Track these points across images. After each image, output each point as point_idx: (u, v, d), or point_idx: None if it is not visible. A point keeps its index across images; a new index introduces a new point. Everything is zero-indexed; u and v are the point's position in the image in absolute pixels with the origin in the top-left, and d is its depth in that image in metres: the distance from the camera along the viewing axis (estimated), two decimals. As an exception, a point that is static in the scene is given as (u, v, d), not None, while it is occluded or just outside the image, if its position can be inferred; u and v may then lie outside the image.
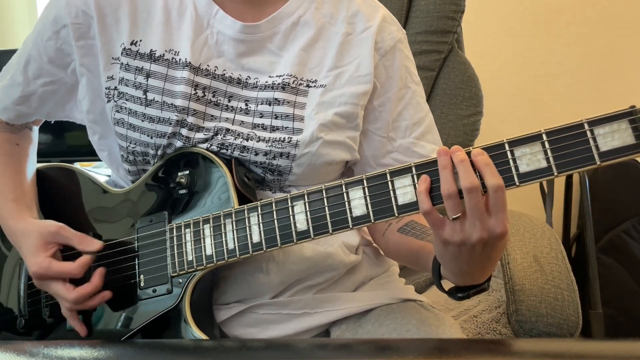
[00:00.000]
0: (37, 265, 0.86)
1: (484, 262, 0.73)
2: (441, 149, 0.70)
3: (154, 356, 0.70)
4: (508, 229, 0.69)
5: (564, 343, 0.88)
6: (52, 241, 0.88)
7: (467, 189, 0.68)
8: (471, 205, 0.68)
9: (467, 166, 0.68)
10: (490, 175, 0.68)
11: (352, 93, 0.90)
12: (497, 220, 0.68)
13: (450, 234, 0.70)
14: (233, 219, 0.82)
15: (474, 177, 0.68)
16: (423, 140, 0.95)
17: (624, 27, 2.03)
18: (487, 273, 0.77)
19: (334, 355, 0.67)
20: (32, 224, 0.91)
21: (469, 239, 0.69)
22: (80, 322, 0.89)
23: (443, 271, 0.78)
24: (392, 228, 0.93)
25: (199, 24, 0.90)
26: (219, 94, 0.89)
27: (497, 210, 0.68)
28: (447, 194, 0.69)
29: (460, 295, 0.78)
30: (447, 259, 0.74)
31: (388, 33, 0.94)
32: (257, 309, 0.90)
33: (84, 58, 0.91)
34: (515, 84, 2.09)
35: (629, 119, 0.66)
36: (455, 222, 0.69)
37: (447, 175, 0.69)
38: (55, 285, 0.86)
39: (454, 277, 0.77)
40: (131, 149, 0.91)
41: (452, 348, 0.71)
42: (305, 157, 0.88)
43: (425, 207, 0.70)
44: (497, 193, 0.67)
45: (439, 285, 0.80)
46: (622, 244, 1.80)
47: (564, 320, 1.07)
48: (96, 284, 0.86)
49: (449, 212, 0.70)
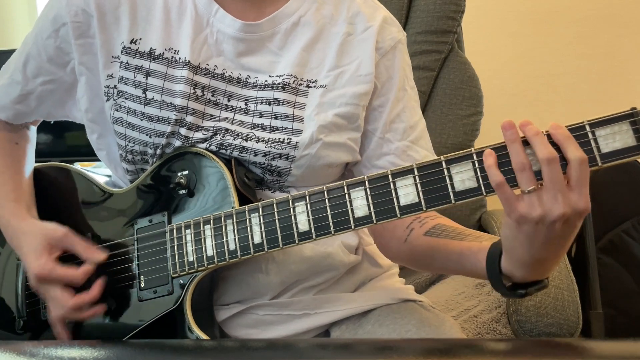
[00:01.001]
0: (40, 267, 0.86)
1: (557, 246, 0.70)
2: (506, 122, 0.68)
3: (154, 356, 0.70)
4: (590, 205, 0.67)
5: (565, 342, 0.88)
6: (57, 245, 0.88)
7: (547, 159, 0.65)
8: (551, 177, 0.66)
9: (543, 138, 0.66)
10: (575, 148, 0.66)
11: (353, 93, 0.89)
12: (580, 195, 0.66)
13: (528, 209, 0.67)
14: (234, 220, 0.82)
15: (552, 148, 0.66)
16: (417, 145, 0.94)
17: (624, 27, 2.03)
18: (556, 262, 0.74)
19: (334, 355, 0.67)
20: (35, 224, 0.91)
21: (549, 213, 0.66)
22: (67, 332, 0.88)
23: (506, 263, 0.73)
24: (417, 233, 0.89)
25: (198, 22, 0.90)
26: (218, 93, 0.89)
27: (580, 184, 0.66)
28: (521, 166, 0.67)
29: (522, 291, 0.74)
30: (520, 243, 0.70)
31: (389, 33, 0.94)
32: (257, 309, 0.89)
33: (83, 57, 0.91)
34: (515, 84, 2.08)
35: (630, 121, 0.66)
36: (532, 196, 0.67)
37: (518, 147, 0.67)
38: (55, 290, 0.86)
39: (520, 268, 0.72)
40: (130, 148, 0.91)
41: (452, 348, 0.71)
42: (304, 158, 0.88)
43: (497, 179, 0.67)
44: (582, 166, 0.66)
45: (499, 282, 0.75)
46: (622, 244, 1.80)
47: (564, 320, 1.07)
48: (96, 294, 0.85)
49: (523, 185, 0.67)
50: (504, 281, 0.75)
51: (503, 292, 0.76)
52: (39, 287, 0.88)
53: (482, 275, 0.77)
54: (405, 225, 0.90)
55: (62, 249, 0.88)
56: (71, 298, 0.85)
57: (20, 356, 0.64)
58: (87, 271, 0.86)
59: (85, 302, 0.85)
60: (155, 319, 0.85)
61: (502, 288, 0.76)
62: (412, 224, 0.90)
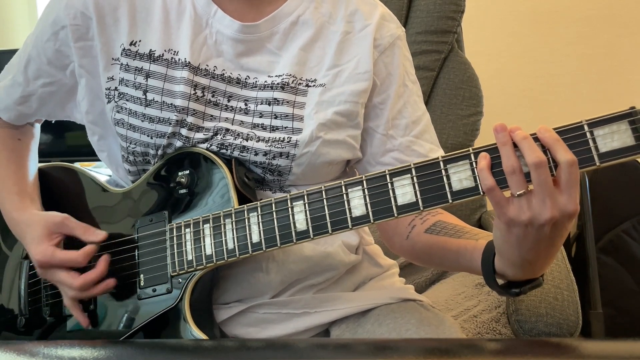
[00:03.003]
0: (41, 253, 0.87)
1: (548, 247, 0.70)
2: (498, 125, 0.68)
3: (154, 356, 0.70)
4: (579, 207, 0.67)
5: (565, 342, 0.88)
6: (57, 231, 0.88)
7: (535, 164, 0.66)
8: (540, 181, 0.66)
9: (531, 142, 0.67)
10: (564, 150, 0.66)
11: (351, 91, 0.90)
12: (569, 198, 0.66)
13: (517, 213, 0.67)
14: (233, 219, 0.82)
15: (540, 152, 0.66)
16: (421, 139, 0.95)
17: (624, 27, 2.03)
18: (548, 263, 0.74)
19: (334, 355, 0.67)
20: (36, 215, 0.92)
21: (537, 217, 0.66)
22: (82, 313, 0.89)
23: (499, 263, 0.74)
24: (418, 230, 0.90)
25: (197, 23, 0.90)
26: (219, 94, 0.89)
27: (569, 186, 0.66)
28: (511, 169, 0.67)
29: (516, 290, 0.75)
30: (510, 245, 0.70)
31: (387, 30, 0.94)
32: (257, 308, 0.90)
33: (83, 59, 0.91)
34: (515, 84, 2.08)
35: (629, 120, 0.66)
36: (522, 199, 0.67)
37: (509, 151, 0.67)
38: (60, 274, 0.87)
39: (512, 269, 0.73)
40: (131, 149, 0.91)
41: (451, 348, 0.71)
42: (304, 156, 0.88)
43: (488, 184, 0.68)
44: (572, 168, 0.66)
45: (493, 281, 0.76)
46: (622, 244, 1.80)
47: (563, 320, 1.07)
48: (101, 270, 0.86)
49: (513, 189, 0.67)
50: (498, 280, 0.76)
51: (498, 291, 0.77)
52: (45, 274, 0.89)
53: (479, 273, 0.78)
54: (407, 222, 0.91)
55: (62, 234, 0.89)
56: (76, 279, 0.85)
57: (20, 356, 0.64)
58: (88, 252, 0.86)
59: (92, 280, 0.85)
60: (154, 317, 0.85)
61: (496, 286, 0.76)
62: (413, 221, 0.91)
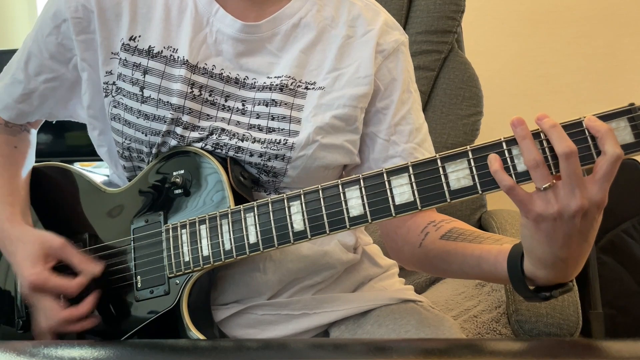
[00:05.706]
0: (35, 275, 0.85)
1: (580, 242, 0.67)
2: (515, 119, 0.66)
3: (154, 356, 0.70)
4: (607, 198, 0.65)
5: (565, 342, 0.88)
6: (53, 255, 0.87)
7: (566, 154, 0.64)
8: (569, 172, 0.64)
9: (561, 130, 0.65)
10: (615, 143, 0.64)
11: (351, 95, 0.89)
12: (601, 189, 0.64)
13: (544, 207, 0.65)
14: (229, 220, 0.82)
15: (570, 141, 0.64)
16: (422, 147, 0.94)
17: (624, 26, 2.03)
18: (580, 262, 0.71)
19: (331, 355, 0.67)
20: (31, 232, 0.90)
21: (567, 208, 0.64)
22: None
23: (528, 265, 0.71)
24: (432, 237, 0.86)
25: (198, 21, 0.89)
26: (216, 93, 0.89)
27: (606, 179, 0.64)
28: (534, 163, 0.65)
29: (546, 294, 0.72)
30: (539, 242, 0.68)
31: (391, 36, 0.93)
32: (255, 309, 0.89)
33: (85, 52, 0.91)
34: (515, 84, 2.08)
35: (628, 117, 0.65)
36: (547, 192, 0.65)
37: (529, 144, 0.65)
38: (47, 301, 0.85)
39: (543, 270, 0.70)
40: (126, 145, 0.91)
41: (451, 348, 0.71)
42: (300, 159, 0.87)
43: (507, 184, 0.66)
44: (617, 163, 0.64)
45: (522, 285, 0.72)
46: (622, 244, 1.80)
47: (564, 320, 1.07)
48: (88, 308, 0.85)
49: (538, 183, 0.65)
50: (527, 284, 0.73)
51: (526, 296, 0.74)
52: (31, 296, 0.88)
53: (503, 279, 0.75)
54: (420, 229, 0.88)
55: (57, 259, 0.87)
56: (62, 310, 0.84)
57: (20, 356, 0.64)
58: (81, 284, 0.85)
59: (76, 316, 0.85)
60: (153, 319, 0.85)
61: (525, 291, 0.73)
62: (427, 228, 0.88)
